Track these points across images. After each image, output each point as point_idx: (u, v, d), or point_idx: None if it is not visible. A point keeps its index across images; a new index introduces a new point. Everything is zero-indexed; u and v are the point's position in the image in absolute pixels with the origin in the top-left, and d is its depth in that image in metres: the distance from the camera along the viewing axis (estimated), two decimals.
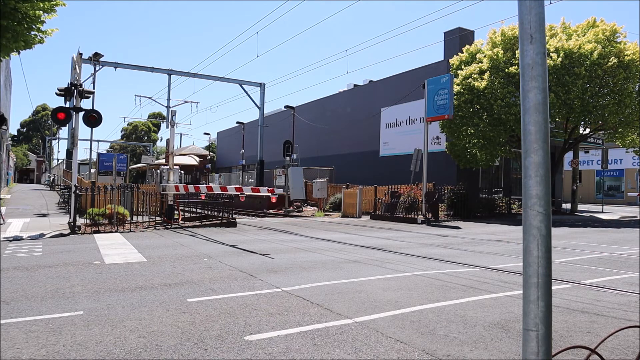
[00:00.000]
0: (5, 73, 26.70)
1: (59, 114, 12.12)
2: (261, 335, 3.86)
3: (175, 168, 14.57)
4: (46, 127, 75.78)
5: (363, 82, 34.12)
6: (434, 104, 18.08)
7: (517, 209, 22.26)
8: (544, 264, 1.81)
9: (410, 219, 17.55)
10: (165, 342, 3.66)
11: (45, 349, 3.47)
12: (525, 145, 1.86)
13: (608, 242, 11.56)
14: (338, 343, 3.72)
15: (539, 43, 1.86)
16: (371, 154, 29.98)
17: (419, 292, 5.59)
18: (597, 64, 17.62)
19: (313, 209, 24.67)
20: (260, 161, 35.26)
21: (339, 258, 8.25)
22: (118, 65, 30.40)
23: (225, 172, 47.83)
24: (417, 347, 3.66)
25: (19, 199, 25.09)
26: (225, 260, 7.79)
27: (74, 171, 12.99)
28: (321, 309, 4.72)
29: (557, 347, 3.48)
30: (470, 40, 23.41)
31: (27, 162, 72.90)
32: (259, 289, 5.60)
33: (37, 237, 10.48)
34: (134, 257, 7.99)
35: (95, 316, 4.34)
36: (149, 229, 12.54)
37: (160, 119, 71.23)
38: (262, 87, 36.09)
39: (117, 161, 25.48)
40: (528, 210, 1.84)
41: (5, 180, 36.73)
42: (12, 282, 5.80)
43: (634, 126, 19.25)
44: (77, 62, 14.15)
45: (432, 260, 8.19)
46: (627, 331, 3.97)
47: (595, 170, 38.21)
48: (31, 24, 9.26)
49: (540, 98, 1.84)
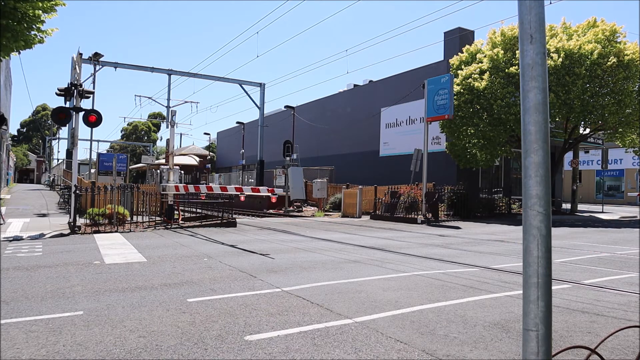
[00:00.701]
0: (5, 73, 26.70)
1: (59, 114, 12.12)
2: (261, 335, 3.86)
3: (175, 168, 14.57)
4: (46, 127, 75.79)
5: (363, 82, 34.11)
6: (434, 104, 18.08)
7: (517, 209, 22.26)
8: (544, 264, 1.81)
9: (410, 219, 17.55)
10: (165, 342, 3.66)
11: (45, 349, 3.47)
12: (525, 145, 1.86)
13: (608, 242, 11.56)
14: (338, 343, 3.72)
15: (539, 43, 1.86)
16: (371, 154, 29.97)
17: (419, 292, 5.59)
18: (596, 63, 17.63)
19: (313, 209, 24.67)
20: (260, 161, 35.26)
21: (339, 258, 8.25)
22: (118, 65, 30.40)
23: (225, 172, 47.83)
24: (417, 347, 3.66)
25: (19, 199, 25.09)
26: (225, 260, 7.79)
27: (74, 171, 12.99)
28: (321, 309, 4.72)
29: (557, 347, 3.48)
30: (470, 40, 23.41)
31: (27, 162, 72.90)
32: (259, 289, 5.60)
33: (37, 237, 10.48)
34: (134, 257, 7.99)
35: (95, 316, 4.34)
36: (149, 229, 12.54)
37: (160, 119, 71.23)
38: (262, 87, 36.08)
39: (117, 161, 25.48)
40: (528, 210, 1.84)
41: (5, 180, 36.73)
42: (12, 282, 5.80)
43: (634, 126, 19.25)
44: (77, 62, 14.15)
45: (432, 260, 8.19)
46: (627, 331, 3.97)
47: (595, 170, 38.21)
48: (31, 24, 9.26)
49: (540, 98, 1.84)
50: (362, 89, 33.16)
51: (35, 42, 9.73)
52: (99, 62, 28.00)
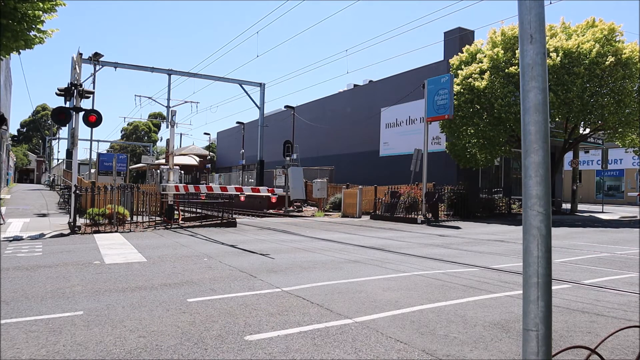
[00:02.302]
0: (5, 73, 26.70)
1: (59, 114, 12.12)
2: (261, 335, 3.86)
3: (175, 168, 14.56)
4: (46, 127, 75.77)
5: (363, 82, 34.11)
6: (434, 104, 18.07)
7: (517, 209, 22.25)
8: (544, 264, 1.81)
9: (410, 219, 17.55)
10: (165, 342, 3.66)
11: (45, 349, 3.47)
12: (525, 145, 1.86)
13: (608, 242, 11.56)
14: (338, 343, 3.72)
15: (539, 43, 1.86)
16: (371, 154, 29.97)
17: (419, 292, 5.59)
18: (595, 63, 17.63)
19: (313, 209, 24.66)
20: (260, 161, 35.25)
21: (339, 258, 8.25)
22: (118, 65, 30.40)
23: (225, 172, 47.83)
24: (417, 347, 3.66)
25: (19, 199, 25.09)
26: (225, 260, 7.79)
27: (74, 171, 12.99)
28: (321, 309, 4.72)
29: (557, 347, 3.48)
30: (470, 40, 23.40)
31: (27, 162, 72.89)
32: (259, 289, 5.60)
33: (37, 237, 10.48)
34: (134, 257, 7.99)
35: (95, 316, 4.34)
36: (149, 229, 12.54)
37: (160, 119, 71.19)
38: (262, 87, 36.08)
39: (117, 161, 25.46)
40: (528, 210, 1.84)
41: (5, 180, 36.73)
42: (12, 282, 5.80)
43: (634, 126, 19.25)
44: (77, 62, 14.15)
45: (432, 260, 8.19)
46: (627, 331, 3.97)
47: (595, 170, 38.21)
48: (31, 24, 9.26)
49: (540, 98, 1.84)
50: (362, 89, 33.15)
51: (35, 43, 9.73)
52: (99, 62, 28.00)
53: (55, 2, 9.43)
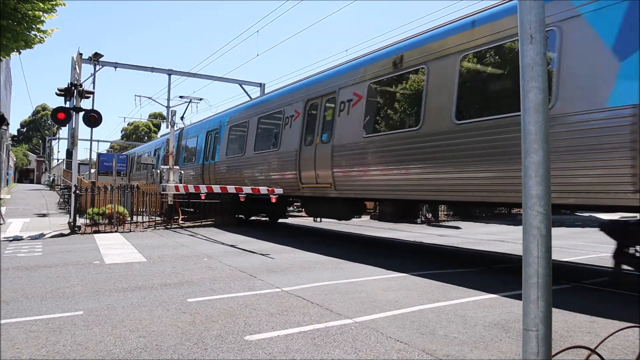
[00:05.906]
0: (5, 73, 26.69)
1: (59, 114, 12.11)
2: (261, 335, 3.85)
3: (175, 168, 14.55)
4: (46, 127, 75.75)
5: None
6: None
7: (517, 209, 22.24)
8: (544, 264, 1.81)
9: None
10: (165, 342, 3.66)
11: (45, 349, 3.47)
12: (525, 145, 1.86)
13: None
14: (338, 343, 3.71)
15: (539, 43, 1.86)
16: None
17: (419, 292, 5.59)
18: None
19: None
20: None
21: (339, 258, 8.25)
22: (118, 65, 30.35)
23: None
24: (417, 347, 3.66)
25: (19, 199, 25.10)
26: (225, 260, 7.79)
27: (74, 171, 12.99)
28: (321, 309, 4.72)
29: (557, 347, 3.47)
30: None
31: (27, 162, 72.88)
32: (259, 289, 5.59)
33: (37, 237, 10.48)
34: (134, 257, 7.99)
35: (95, 316, 4.34)
36: (149, 229, 12.54)
37: (160, 119, 71.16)
38: (262, 87, 36.05)
39: (117, 161, 25.44)
40: (528, 210, 1.84)
41: (5, 180, 36.72)
42: (12, 282, 5.80)
43: None
44: (77, 62, 14.16)
45: (432, 261, 8.18)
46: (627, 331, 3.97)
47: None
48: (31, 24, 9.27)
49: (540, 98, 1.84)
50: None
51: (35, 42, 9.74)
52: (99, 62, 27.98)
53: (55, 2, 9.43)
